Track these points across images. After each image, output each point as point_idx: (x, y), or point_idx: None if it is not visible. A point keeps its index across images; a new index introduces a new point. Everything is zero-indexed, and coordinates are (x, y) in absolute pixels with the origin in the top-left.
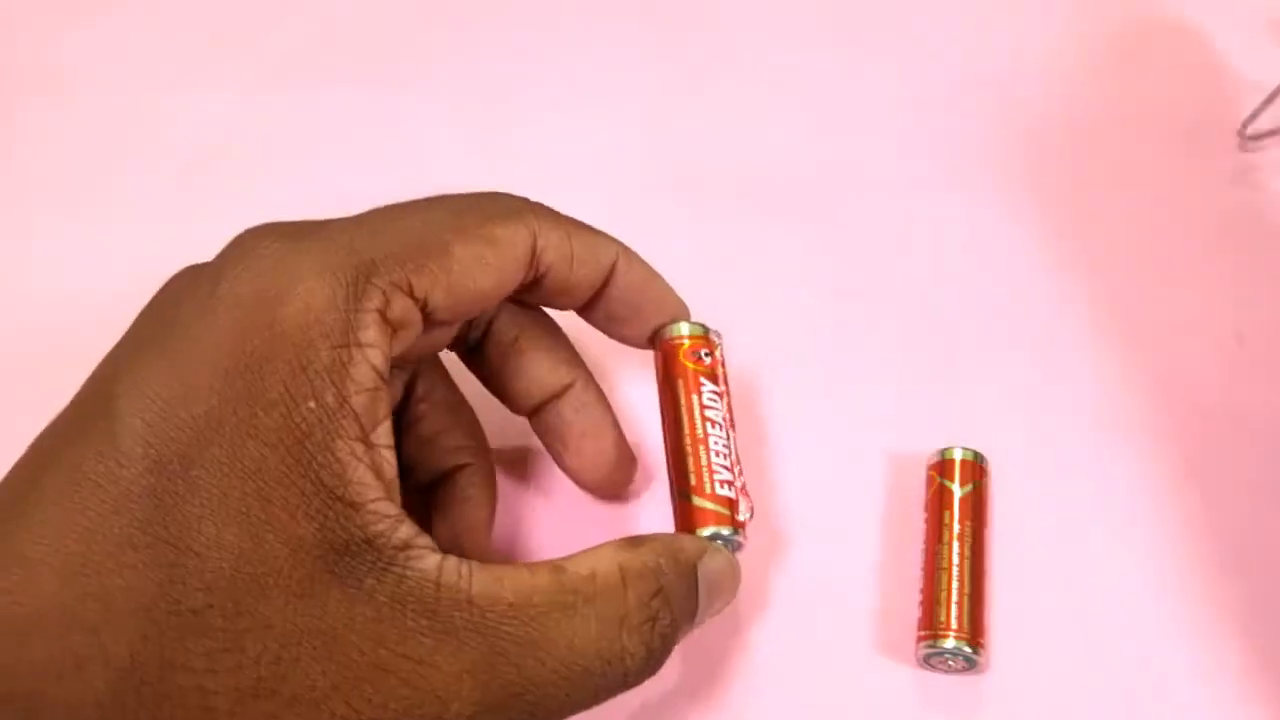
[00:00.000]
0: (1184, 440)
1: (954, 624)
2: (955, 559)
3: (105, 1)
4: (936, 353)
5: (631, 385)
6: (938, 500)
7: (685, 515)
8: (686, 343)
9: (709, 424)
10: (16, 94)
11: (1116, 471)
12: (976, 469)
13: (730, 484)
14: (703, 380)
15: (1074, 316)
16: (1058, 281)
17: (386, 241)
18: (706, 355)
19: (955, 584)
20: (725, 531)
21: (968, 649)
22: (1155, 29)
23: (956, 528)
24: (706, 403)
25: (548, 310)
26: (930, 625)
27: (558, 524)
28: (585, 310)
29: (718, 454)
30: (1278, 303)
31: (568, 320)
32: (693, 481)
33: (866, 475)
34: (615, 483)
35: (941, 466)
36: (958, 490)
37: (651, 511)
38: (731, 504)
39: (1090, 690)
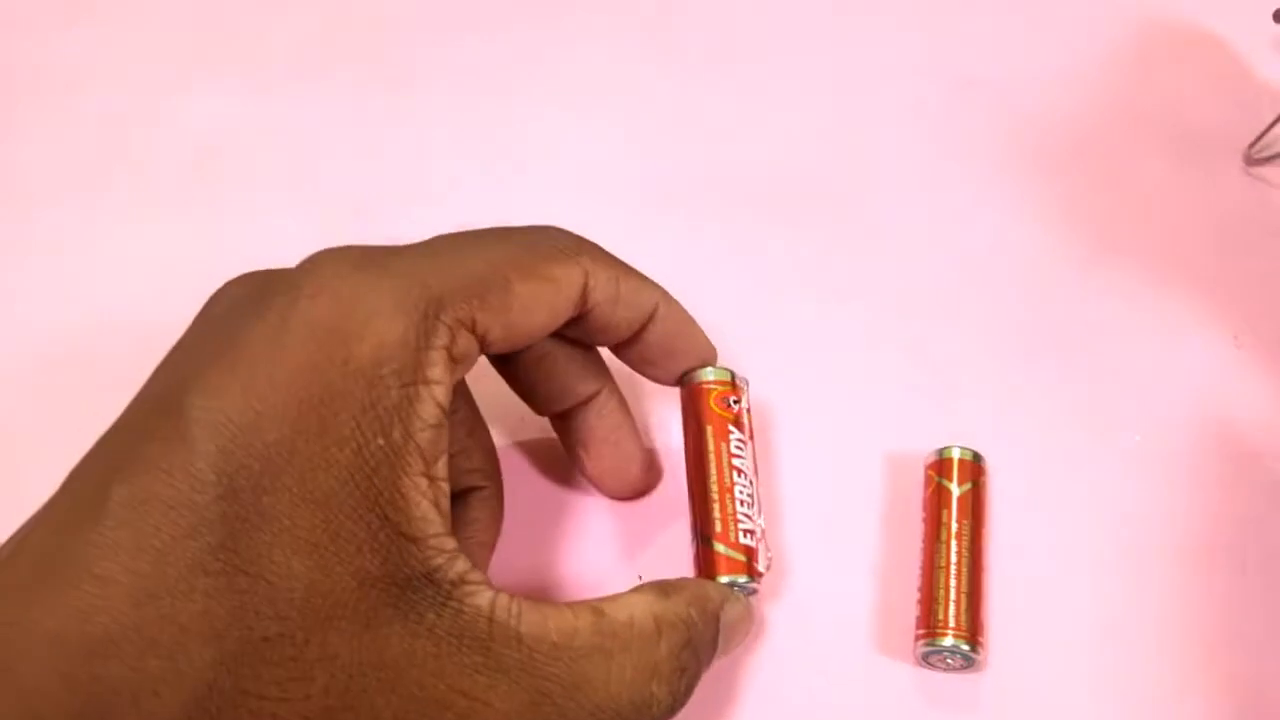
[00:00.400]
0: (1182, 440)
1: (952, 622)
2: (953, 558)
3: (105, 1)
4: (935, 352)
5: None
6: (936, 499)
7: (707, 560)
8: (715, 389)
9: (735, 472)
10: (16, 94)
11: (1114, 471)
12: (974, 468)
13: (752, 533)
14: (730, 427)
15: (1073, 316)
16: (1057, 282)
17: (453, 277)
18: (735, 403)
19: (953, 582)
20: (742, 580)
21: (966, 647)
22: (1167, 36)
23: (954, 526)
24: (734, 450)
25: None
26: (929, 623)
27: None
28: (619, 348)
29: (742, 502)
30: (1275, 305)
31: None
32: (717, 529)
33: (865, 474)
34: (635, 489)
35: (939, 466)
36: (956, 489)
37: (654, 514)
38: (752, 553)
39: (1088, 688)
